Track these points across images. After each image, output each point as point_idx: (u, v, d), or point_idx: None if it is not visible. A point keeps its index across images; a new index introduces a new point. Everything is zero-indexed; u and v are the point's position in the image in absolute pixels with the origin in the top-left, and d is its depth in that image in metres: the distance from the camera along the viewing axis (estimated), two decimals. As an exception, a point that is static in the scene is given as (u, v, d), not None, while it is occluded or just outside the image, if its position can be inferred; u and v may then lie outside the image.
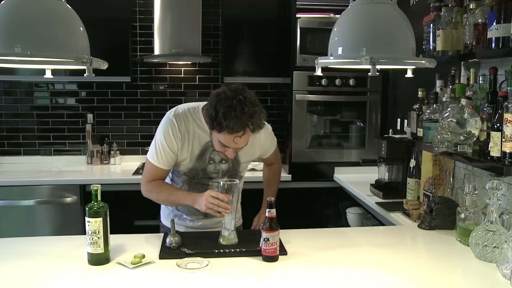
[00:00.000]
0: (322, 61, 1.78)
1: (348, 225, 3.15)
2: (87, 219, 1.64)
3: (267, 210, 1.70)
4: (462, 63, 2.32)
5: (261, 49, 3.65)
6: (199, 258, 1.70)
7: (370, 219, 2.91)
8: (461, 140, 1.94)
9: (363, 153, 3.53)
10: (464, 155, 1.95)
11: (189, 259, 1.70)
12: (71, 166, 3.67)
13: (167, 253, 1.77)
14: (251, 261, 1.72)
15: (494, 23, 1.77)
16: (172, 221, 1.89)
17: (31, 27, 1.47)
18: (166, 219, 2.17)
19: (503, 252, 1.59)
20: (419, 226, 2.18)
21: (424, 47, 2.30)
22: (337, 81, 3.41)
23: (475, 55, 1.98)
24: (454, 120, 1.93)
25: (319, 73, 1.82)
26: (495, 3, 1.77)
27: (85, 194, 3.21)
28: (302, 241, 1.95)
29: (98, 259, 1.66)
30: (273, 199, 1.71)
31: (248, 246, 1.82)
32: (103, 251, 1.66)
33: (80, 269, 1.64)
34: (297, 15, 3.40)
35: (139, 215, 3.24)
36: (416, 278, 1.62)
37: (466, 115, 1.90)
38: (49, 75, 1.66)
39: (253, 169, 3.32)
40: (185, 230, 2.11)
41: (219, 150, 1.88)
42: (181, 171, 2.02)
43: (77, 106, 3.82)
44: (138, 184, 3.22)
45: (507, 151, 1.69)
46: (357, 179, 3.19)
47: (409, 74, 1.81)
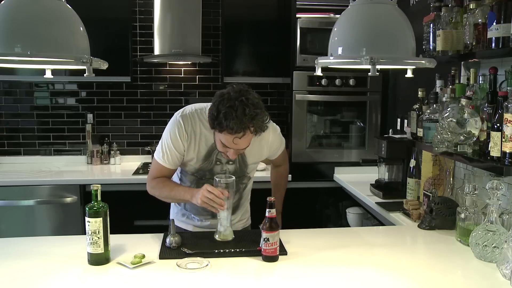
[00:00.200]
0: (322, 61, 1.78)
1: (348, 225, 3.15)
2: (87, 219, 1.64)
3: (267, 210, 1.70)
4: (462, 63, 2.32)
5: (261, 49, 3.65)
6: (199, 258, 1.70)
7: (370, 219, 2.91)
8: (461, 140, 1.94)
9: (363, 153, 3.53)
10: (464, 155, 1.95)
11: (189, 259, 1.70)
12: (71, 166, 3.67)
13: (167, 253, 1.77)
14: (251, 261, 1.72)
15: (494, 23, 1.77)
16: (172, 221, 1.89)
17: (31, 27, 1.47)
18: (175, 218, 2.18)
19: (503, 252, 1.59)
20: (419, 226, 2.18)
21: (424, 47, 2.30)
22: (337, 81, 3.41)
23: (475, 55, 1.98)
24: (454, 120, 1.93)
25: (319, 73, 1.82)
26: (495, 3, 1.77)
27: (85, 194, 3.21)
28: (302, 241, 1.95)
29: (98, 259, 1.66)
30: (273, 199, 1.71)
31: (248, 246, 1.82)
32: (103, 251, 1.66)
33: (80, 269, 1.64)
34: (297, 15, 3.40)
35: (139, 215, 3.24)
36: (416, 278, 1.62)
37: (466, 115, 1.90)
38: (49, 75, 1.66)
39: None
40: (193, 229, 2.12)
41: (221, 150, 1.88)
42: (188, 171, 2.03)
43: (77, 106, 3.82)
44: (138, 184, 3.27)
45: (507, 151, 1.68)
46: (357, 179, 3.19)
47: (409, 74, 1.81)
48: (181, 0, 3.54)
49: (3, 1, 1.50)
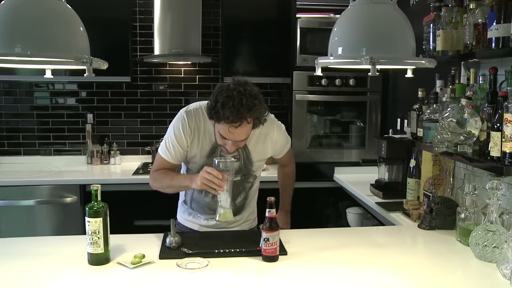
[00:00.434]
0: (322, 61, 1.78)
1: (348, 225, 3.15)
2: (87, 219, 1.64)
3: (267, 210, 1.70)
4: (462, 63, 2.32)
5: (261, 49, 3.65)
6: (199, 258, 1.70)
7: (370, 219, 2.91)
8: (461, 140, 1.94)
9: (363, 153, 3.53)
10: (464, 155, 1.95)
11: (189, 259, 1.70)
12: (71, 166, 3.67)
13: (167, 253, 1.77)
14: (251, 261, 1.72)
15: (494, 23, 1.77)
16: (172, 221, 1.89)
17: (31, 27, 1.47)
18: (182, 217, 2.19)
19: (503, 252, 1.59)
20: (419, 226, 2.18)
21: (424, 47, 2.30)
22: (337, 81, 3.41)
23: (475, 55, 1.98)
24: (454, 120, 1.93)
25: (319, 73, 1.82)
26: (495, 3, 1.77)
27: (85, 194, 3.21)
28: (302, 241, 1.95)
29: (98, 259, 1.66)
30: (273, 199, 1.71)
31: (248, 246, 1.82)
32: (103, 251, 1.66)
33: (80, 269, 1.64)
34: (297, 15, 3.40)
35: (139, 215, 3.24)
36: (416, 278, 1.62)
37: (466, 115, 1.90)
38: (49, 75, 1.66)
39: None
40: (199, 228, 2.13)
41: (220, 143, 1.91)
42: (193, 169, 2.04)
43: (77, 106, 3.82)
44: (138, 184, 3.27)
45: (507, 151, 1.68)
46: (357, 179, 3.19)
47: (409, 74, 1.81)
48: (181, 0, 3.54)
49: (3, 1, 1.50)
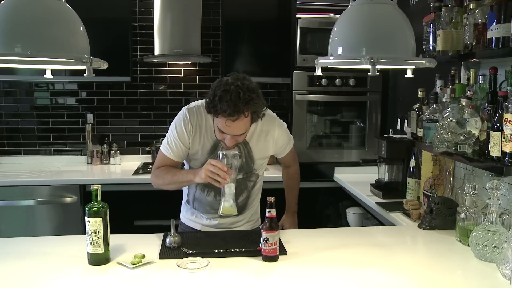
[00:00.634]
0: (322, 61, 1.78)
1: (348, 225, 3.15)
2: (87, 219, 1.64)
3: (267, 210, 1.70)
4: (462, 63, 2.32)
5: (261, 49, 3.65)
6: (199, 258, 1.70)
7: (370, 219, 2.90)
8: (461, 140, 1.94)
9: (363, 153, 3.53)
10: (464, 155, 1.95)
11: (189, 259, 1.70)
12: (71, 166, 3.67)
13: (167, 253, 1.77)
14: (251, 261, 1.72)
15: (494, 23, 1.77)
16: (172, 221, 1.89)
17: (31, 27, 1.47)
18: (185, 217, 2.20)
19: (503, 252, 1.59)
20: (419, 226, 2.18)
21: (424, 47, 2.30)
22: (337, 81, 3.41)
23: (475, 55, 1.98)
24: (454, 120, 1.93)
25: (319, 73, 1.82)
26: (495, 3, 1.77)
27: (85, 194, 3.21)
28: (302, 241, 1.95)
29: (98, 259, 1.66)
30: (273, 199, 1.71)
31: (248, 246, 1.82)
32: (103, 251, 1.66)
33: (80, 269, 1.64)
34: (297, 15, 3.40)
35: (139, 215, 3.24)
36: (416, 278, 1.62)
37: (466, 115, 1.90)
38: (49, 75, 1.66)
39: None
40: (201, 228, 2.13)
41: (219, 138, 1.92)
42: (195, 166, 2.05)
43: (77, 106, 3.82)
44: (138, 184, 3.27)
45: (507, 151, 1.69)
46: (357, 179, 3.19)
47: (409, 74, 1.81)
48: (181, 0, 3.54)
49: (3, 1, 1.50)
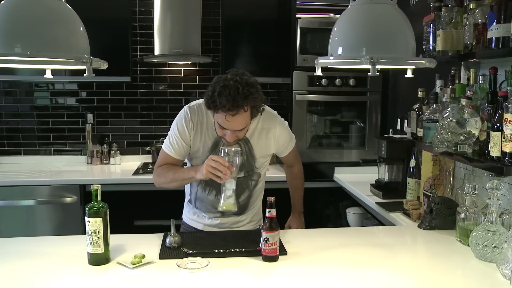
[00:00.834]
0: (322, 61, 1.78)
1: (348, 225, 3.15)
2: (87, 219, 1.64)
3: (267, 210, 1.70)
4: (462, 63, 2.32)
5: (261, 49, 3.65)
6: (199, 258, 1.70)
7: (370, 219, 2.90)
8: (461, 140, 1.94)
9: (363, 153, 3.53)
10: (464, 155, 1.95)
11: (189, 259, 1.70)
12: (71, 166, 3.67)
13: (167, 253, 1.77)
14: (251, 261, 1.72)
15: (494, 23, 1.77)
16: (172, 221, 1.89)
17: (31, 27, 1.47)
18: (187, 216, 2.20)
19: (503, 252, 1.59)
20: (419, 226, 2.18)
21: (424, 47, 2.30)
22: (337, 81, 3.41)
23: (475, 55, 1.98)
24: (454, 120, 1.93)
25: (319, 73, 1.82)
26: (495, 3, 1.77)
27: (85, 194, 3.21)
28: (302, 241, 1.95)
29: (98, 259, 1.66)
30: (273, 199, 1.71)
31: (248, 246, 1.82)
32: (103, 251, 1.66)
33: (80, 269, 1.64)
34: (297, 15, 3.40)
35: (139, 215, 3.24)
36: (416, 278, 1.62)
37: (466, 115, 1.90)
38: (49, 75, 1.66)
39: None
40: (203, 228, 2.13)
41: (219, 134, 1.93)
42: (197, 164, 2.04)
43: (77, 106, 3.82)
44: (138, 184, 3.27)
45: (507, 151, 1.68)
46: (357, 179, 3.19)
47: (409, 74, 1.81)
48: (181, 0, 3.55)
49: (3, 1, 1.50)
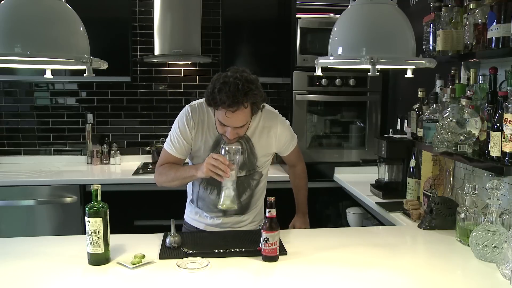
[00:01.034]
0: (322, 61, 1.78)
1: (348, 225, 3.15)
2: (87, 219, 1.64)
3: (267, 210, 1.70)
4: (462, 63, 2.32)
5: (261, 49, 3.65)
6: (199, 258, 1.70)
7: (370, 219, 2.90)
8: (461, 140, 1.94)
9: (363, 153, 3.53)
10: (464, 155, 1.95)
11: (189, 259, 1.70)
12: (71, 166, 3.67)
13: (167, 253, 1.77)
14: (251, 261, 1.72)
15: (494, 23, 1.77)
16: (172, 221, 1.89)
17: (31, 27, 1.47)
18: (189, 216, 2.21)
19: (503, 252, 1.59)
20: (419, 226, 2.18)
21: (424, 47, 2.30)
22: (337, 81, 3.41)
23: (475, 55, 1.98)
24: (454, 120, 1.93)
25: (319, 73, 1.82)
26: (495, 3, 1.77)
27: (85, 194, 3.21)
28: (302, 241, 1.95)
29: (98, 259, 1.66)
30: (273, 199, 1.71)
31: (248, 246, 1.82)
32: (103, 251, 1.66)
33: (80, 269, 1.64)
34: (297, 15, 3.39)
35: (139, 215, 3.24)
36: (416, 278, 1.62)
37: (466, 115, 1.90)
38: (49, 75, 1.66)
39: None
40: (205, 228, 2.14)
41: (220, 131, 1.94)
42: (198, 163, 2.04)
43: (77, 106, 3.82)
44: (138, 184, 3.27)
45: (507, 151, 1.69)
46: (357, 179, 3.19)
47: (409, 74, 1.81)
48: (181, 0, 3.55)
49: (3, 1, 1.50)
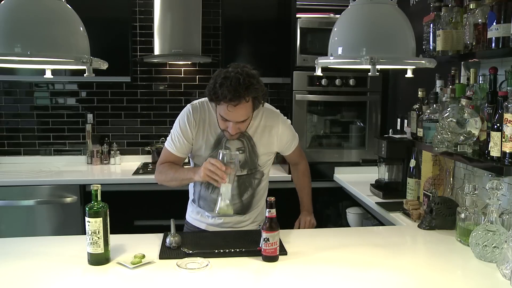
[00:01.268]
0: (322, 61, 1.78)
1: (348, 225, 3.15)
2: (87, 219, 1.64)
3: (267, 210, 1.70)
4: (462, 63, 2.32)
5: (261, 49, 3.65)
6: (199, 258, 1.70)
7: (370, 219, 2.90)
8: (461, 140, 1.94)
9: (363, 153, 3.53)
10: (464, 155, 1.95)
11: (189, 259, 1.70)
12: (71, 166, 3.67)
13: (167, 253, 1.77)
14: (251, 261, 1.72)
15: (494, 23, 1.77)
16: (172, 221, 1.89)
17: (31, 27, 1.47)
18: (190, 216, 2.21)
19: (503, 252, 1.59)
20: (419, 226, 2.18)
21: (424, 47, 2.30)
22: (337, 81, 3.41)
23: (475, 55, 1.98)
24: (454, 120, 1.93)
25: (319, 73, 1.82)
26: (495, 3, 1.77)
27: (85, 194, 3.21)
28: (302, 241, 1.95)
29: (98, 259, 1.67)
30: (273, 199, 1.71)
31: (248, 246, 1.82)
32: (103, 251, 1.66)
33: (80, 269, 1.64)
34: (297, 15, 3.39)
35: (139, 215, 3.24)
36: (416, 278, 1.62)
37: (466, 115, 1.90)
38: (49, 75, 1.66)
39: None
40: (206, 227, 2.14)
41: (222, 127, 1.95)
42: (199, 163, 2.06)
43: (77, 106, 3.82)
44: (138, 184, 3.27)
45: (507, 151, 1.69)
46: (357, 179, 3.19)
47: (409, 74, 1.81)
48: (181, 0, 3.55)
49: (3, 1, 1.50)
